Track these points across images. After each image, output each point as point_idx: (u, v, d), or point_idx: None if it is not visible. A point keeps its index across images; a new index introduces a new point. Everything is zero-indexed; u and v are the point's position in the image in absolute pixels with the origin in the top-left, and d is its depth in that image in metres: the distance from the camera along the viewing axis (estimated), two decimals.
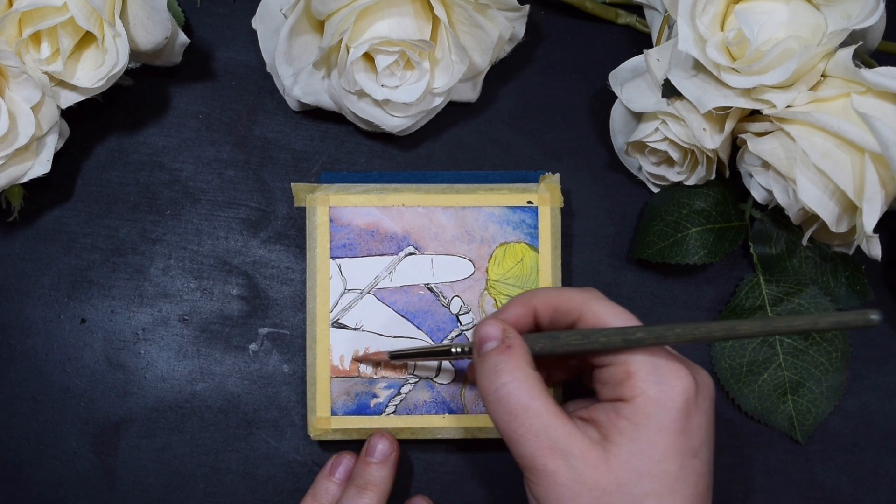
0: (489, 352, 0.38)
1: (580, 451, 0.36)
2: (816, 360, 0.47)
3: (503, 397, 0.37)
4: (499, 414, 0.37)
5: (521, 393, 0.37)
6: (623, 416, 0.36)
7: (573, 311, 0.39)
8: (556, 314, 0.40)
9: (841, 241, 0.46)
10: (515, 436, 0.37)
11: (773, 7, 0.42)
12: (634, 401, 0.36)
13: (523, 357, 0.38)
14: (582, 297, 0.39)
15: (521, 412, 0.37)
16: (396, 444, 0.46)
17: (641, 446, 0.36)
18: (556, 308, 0.40)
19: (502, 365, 0.38)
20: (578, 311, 0.39)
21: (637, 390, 0.36)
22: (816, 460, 0.49)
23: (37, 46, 0.43)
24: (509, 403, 0.37)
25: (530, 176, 0.48)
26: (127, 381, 0.48)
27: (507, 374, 0.37)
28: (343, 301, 0.47)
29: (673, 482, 0.36)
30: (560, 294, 0.40)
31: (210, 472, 0.48)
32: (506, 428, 0.37)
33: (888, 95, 0.41)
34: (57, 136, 0.45)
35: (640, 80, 0.46)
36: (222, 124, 0.50)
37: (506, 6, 0.45)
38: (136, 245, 0.49)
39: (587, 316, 0.39)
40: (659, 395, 0.36)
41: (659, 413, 0.36)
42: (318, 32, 0.46)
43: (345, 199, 0.47)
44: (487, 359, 0.38)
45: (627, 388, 0.36)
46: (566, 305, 0.39)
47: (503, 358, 0.38)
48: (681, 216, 0.47)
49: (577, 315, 0.39)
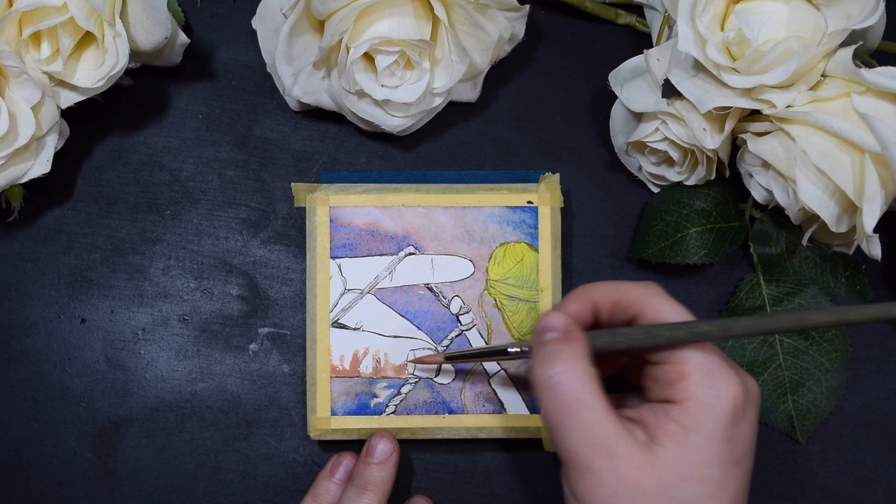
0: (549, 341, 0.38)
1: (626, 452, 0.35)
2: (816, 360, 0.47)
3: (556, 385, 0.36)
4: (550, 403, 0.36)
5: (577, 385, 0.36)
6: (672, 418, 0.36)
7: (633, 305, 0.38)
8: (615, 308, 0.39)
9: (841, 241, 0.46)
10: (563, 428, 0.36)
11: (773, 7, 0.42)
12: (685, 403, 0.36)
13: (583, 350, 0.37)
14: (642, 291, 0.38)
15: (573, 404, 0.36)
16: (397, 444, 0.46)
17: (688, 450, 0.35)
18: (617, 302, 0.39)
19: (561, 354, 0.37)
20: (639, 305, 0.38)
21: (689, 393, 0.36)
22: (816, 460, 0.49)
23: (37, 46, 0.43)
24: (562, 393, 0.36)
25: (530, 176, 0.48)
26: (127, 381, 0.48)
27: (564, 364, 0.36)
28: (343, 301, 0.47)
29: (716, 489, 0.35)
30: (620, 288, 0.39)
31: (210, 472, 0.48)
32: (555, 418, 0.36)
33: (888, 95, 0.41)
34: (57, 136, 0.45)
35: (640, 80, 0.46)
36: (222, 124, 0.50)
37: (506, 6, 0.45)
38: (136, 245, 0.49)
39: (647, 311, 0.38)
40: (710, 400, 0.35)
41: (709, 418, 0.35)
42: (318, 32, 0.46)
43: (345, 199, 0.47)
44: (546, 347, 0.38)
45: (679, 389, 0.36)
46: (626, 299, 0.39)
47: (562, 347, 0.37)
48: (681, 216, 0.47)
49: (638, 310, 0.38)
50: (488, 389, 0.47)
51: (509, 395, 0.47)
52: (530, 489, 0.48)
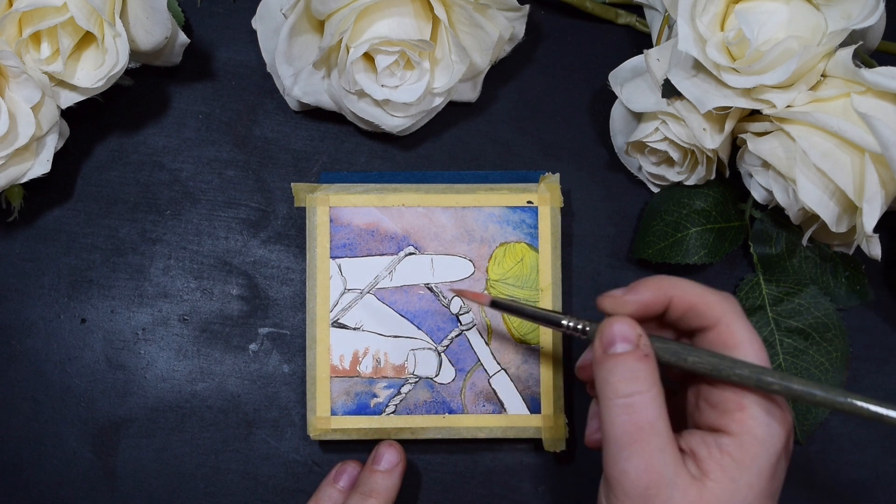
0: (625, 354, 0.36)
1: (683, 484, 0.35)
2: (816, 360, 0.47)
3: (634, 406, 0.35)
4: (622, 421, 0.35)
5: (654, 408, 0.35)
6: (727, 452, 0.35)
7: (710, 318, 0.37)
8: (690, 312, 0.38)
9: (841, 241, 0.46)
10: (630, 449, 0.35)
11: (773, 7, 0.42)
12: (741, 438, 0.35)
13: (657, 370, 0.36)
14: (723, 307, 0.37)
15: (647, 427, 0.35)
16: (404, 454, 0.46)
17: (739, 488, 0.35)
18: (693, 308, 0.37)
19: (640, 374, 0.36)
20: (716, 320, 0.37)
21: (745, 427, 0.35)
22: (816, 460, 0.49)
23: (37, 46, 0.43)
24: (638, 415, 0.35)
25: (530, 176, 0.48)
26: (127, 381, 0.48)
27: (644, 384, 0.36)
28: (343, 301, 0.47)
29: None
30: (702, 295, 0.37)
31: (210, 472, 0.48)
32: (623, 438, 0.35)
33: (888, 95, 0.41)
34: (57, 136, 0.45)
35: (640, 80, 0.46)
36: (222, 124, 0.50)
37: (506, 6, 0.45)
38: (136, 245, 0.49)
39: (723, 329, 0.37)
40: (765, 437, 0.35)
41: (762, 455, 0.35)
42: (318, 32, 0.46)
43: (345, 199, 0.47)
44: (623, 361, 0.36)
45: (736, 421, 0.35)
46: (704, 309, 0.37)
47: (641, 366, 0.36)
48: (681, 216, 0.47)
49: (713, 323, 0.37)
50: (488, 389, 0.47)
51: (509, 395, 0.47)
52: (530, 489, 0.48)
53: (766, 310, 0.48)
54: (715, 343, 0.37)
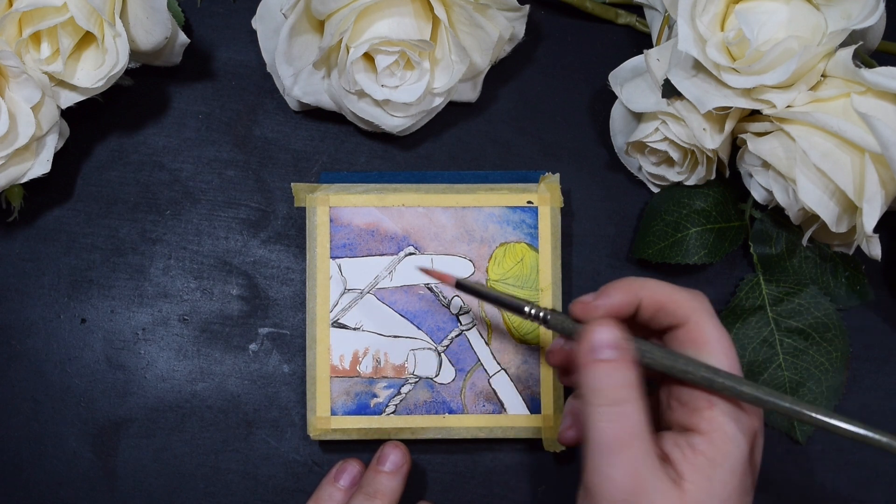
0: (613, 360, 0.36)
1: (664, 490, 0.35)
2: (816, 360, 0.47)
3: (622, 414, 0.35)
4: (610, 428, 0.35)
5: (639, 416, 0.35)
6: (700, 451, 0.35)
7: (679, 316, 0.37)
8: (660, 312, 0.38)
9: (841, 241, 0.46)
10: (614, 456, 0.35)
11: (773, 7, 0.42)
12: (711, 436, 0.35)
13: (639, 376, 0.36)
14: (692, 305, 0.37)
15: (634, 436, 0.35)
16: (409, 455, 0.45)
17: (714, 486, 0.35)
18: (663, 307, 0.38)
19: (628, 381, 0.36)
20: (685, 318, 0.37)
21: (715, 424, 0.35)
22: (816, 460, 0.49)
23: (37, 46, 0.43)
24: (628, 422, 0.35)
25: (530, 176, 0.48)
26: (127, 381, 0.48)
27: (632, 392, 0.36)
28: (343, 301, 0.47)
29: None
30: (671, 294, 0.38)
31: (210, 472, 0.48)
32: (609, 444, 0.35)
33: (888, 95, 0.41)
34: (57, 136, 0.45)
35: (640, 80, 0.46)
36: (222, 124, 0.50)
37: (506, 6, 0.45)
38: (136, 245, 0.49)
39: (691, 327, 0.37)
40: (735, 433, 0.35)
41: (733, 451, 0.35)
42: (318, 32, 0.46)
43: (345, 199, 0.47)
44: (612, 368, 0.36)
45: (706, 419, 0.35)
46: (673, 308, 0.37)
47: (630, 374, 0.36)
48: (681, 216, 0.47)
49: (683, 321, 0.37)
50: (488, 389, 0.47)
51: (509, 395, 0.47)
52: (530, 489, 0.48)
53: (766, 310, 0.48)
54: (684, 341, 0.37)
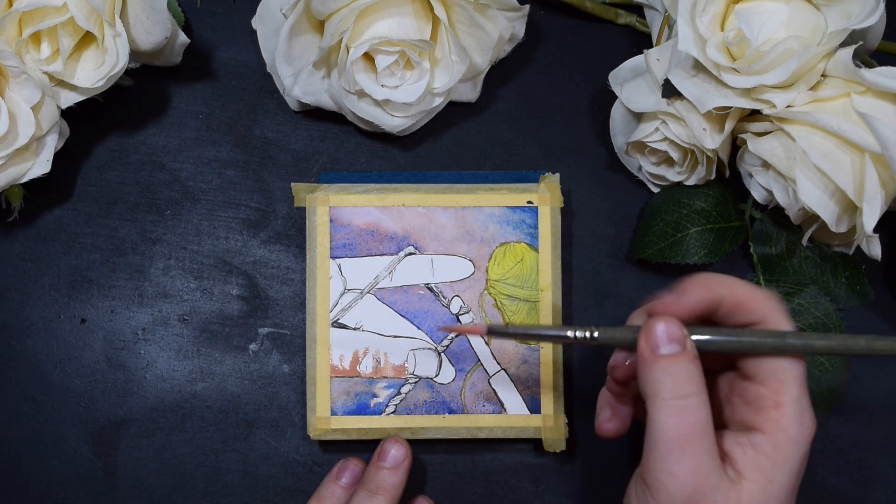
0: (677, 355, 0.36)
1: (725, 488, 0.35)
2: (816, 359, 0.47)
3: (690, 408, 0.35)
4: (675, 422, 0.35)
5: (706, 411, 0.35)
6: (762, 451, 0.35)
7: (758, 314, 0.37)
8: (738, 310, 0.37)
9: (841, 241, 0.46)
10: (680, 451, 0.35)
11: (773, 7, 0.42)
12: (775, 436, 0.35)
13: (703, 372, 0.36)
14: (771, 304, 0.37)
15: (699, 431, 0.35)
16: (410, 450, 0.45)
17: (773, 487, 0.35)
18: (743, 305, 0.37)
19: (694, 375, 0.36)
20: (764, 316, 0.37)
21: (780, 425, 0.35)
22: (816, 460, 0.49)
23: (37, 46, 0.43)
24: (693, 417, 0.35)
25: (530, 176, 0.48)
26: (127, 381, 0.48)
27: (697, 386, 0.35)
28: (343, 301, 0.47)
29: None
30: (752, 292, 0.37)
31: (210, 472, 0.48)
32: (675, 439, 0.35)
33: (888, 95, 0.41)
34: (57, 136, 0.45)
35: (640, 80, 0.46)
36: (222, 124, 0.50)
37: (506, 6, 0.45)
38: (136, 245, 0.49)
39: (770, 325, 0.37)
40: (797, 435, 0.35)
41: (794, 454, 0.35)
42: (318, 32, 0.46)
43: (345, 199, 0.47)
44: (676, 363, 0.36)
45: (771, 419, 0.35)
46: (753, 306, 0.37)
47: (694, 368, 0.36)
48: (681, 216, 0.47)
49: (761, 320, 0.37)
50: (488, 389, 0.47)
51: (509, 395, 0.47)
52: (530, 489, 0.48)
53: None
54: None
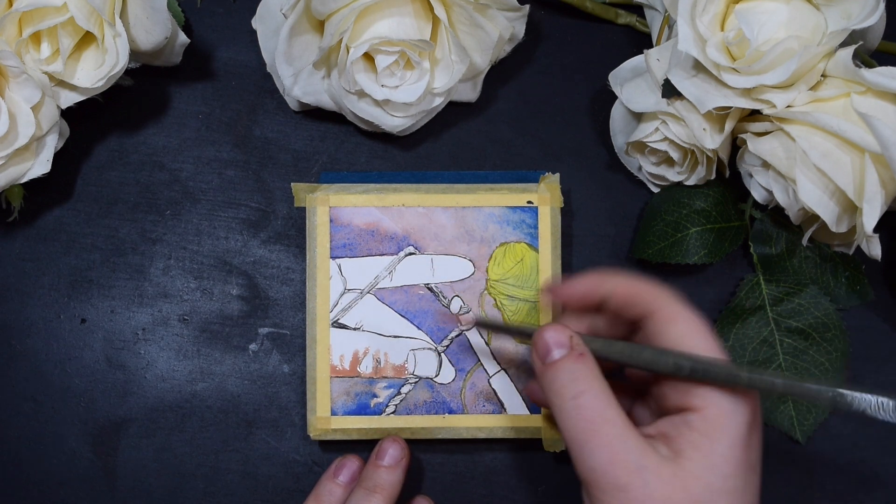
0: (562, 359, 0.37)
1: (655, 466, 0.35)
2: (816, 360, 0.47)
3: (582, 406, 0.36)
4: (574, 423, 0.36)
5: (600, 402, 0.36)
6: (695, 428, 0.35)
7: (646, 304, 0.38)
8: (627, 303, 0.38)
9: (841, 241, 0.46)
10: (590, 446, 0.35)
11: (774, 7, 0.42)
12: (706, 411, 0.35)
13: (596, 366, 0.37)
14: (657, 292, 0.38)
15: (599, 422, 0.35)
16: (408, 449, 0.46)
17: (715, 461, 0.35)
18: (630, 297, 0.38)
19: (580, 373, 0.36)
20: (653, 307, 0.37)
21: (709, 400, 0.35)
22: (816, 460, 0.49)
23: (37, 46, 0.43)
24: (587, 413, 0.36)
25: (530, 176, 0.48)
26: (127, 381, 0.48)
27: (586, 383, 0.36)
28: (343, 301, 0.47)
29: (740, 497, 0.35)
30: (636, 284, 0.38)
31: (210, 472, 0.48)
32: (580, 437, 0.36)
33: (888, 95, 0.41)
34: (57, 136, 0.45)
35: (640, 80, 0.46)
36: (222, 124, 0.50)
37: (506, 6, 0.45)
38: (136, 245, 0.49)
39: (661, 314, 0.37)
40: (731, 407, 0.35)
41: (731, 425, 0.35)
42: (318, 32, 0.46)
43: (345, 199, 0.47)
44: (561, 366, 0.37)
45: (698, 396, 0.35)
46: (641, 298, 0.38)
47: (579, 366, 0.37)
48: (681, 216, 0.47)
49: (650, 311, 0.37)
50: (488, 389, 0.47)
51: (509, 395, 0.47)
52: (530, 489, 0.48)
53: (766, 310, 0.48)
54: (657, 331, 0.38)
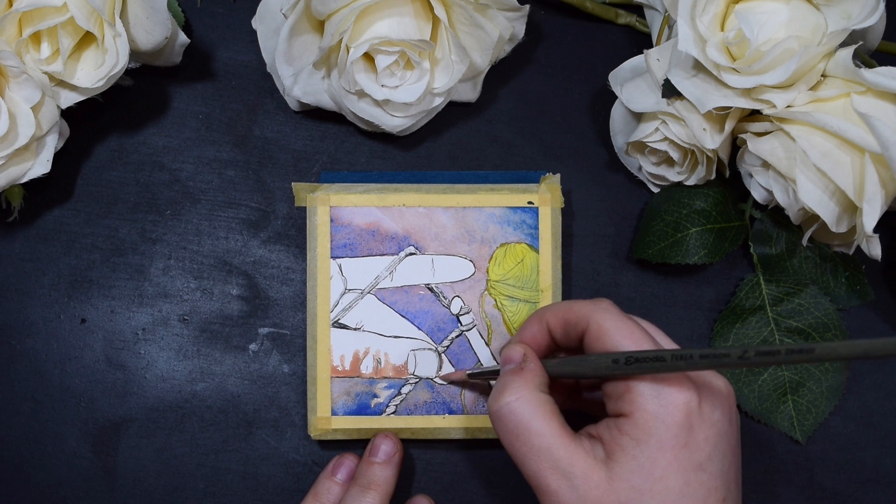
0: (505, 373, 0.39)
1: (582, 472, 0.36)
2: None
3: (505, 416, 0.38)
4: (501, 432, 0.38)
5: (523, 412, 0.37)
6: (624, 432, 0.36)
7: (581, 321, 0.39)
8: (566, 326, 0.40)
9: (841, 241, 0.46)
10: (519, 454, 0.37)
11: (774, 7, 0.42)
12: (633, 416, 0.36)
13: (533, 378, 0.38)
14: (589, 307, 0.39)
15: (522, 431, 0.37)
16: (400, 444, 0.46)
17: (642, 463, 0.35)
18: (566, 320, 0.40)
19: (509, 384, 0.38)
20: (586, 321, 0.39)
21: (635, 405, 0.36)
22: (816, 460, 0.49)
23: (37, 46, 0.43)
24: (510, 422, 0.37)
25: (531, 176, 0.48)
26: (127, 381, 0.48)
27: (512, 394, 0.38)
28: (343, 301, 0.47)
29: (676, 499, 0.35)
30: (569, 306, 0.40)
31: (210, 472, 0.48)
32: (509, 446, 0.38)
33: (888, 95, 0.41)
34: (57, 136, 0.45)
35: (640, 80, 0.46)
36: (222, 124, 0.50)
37: (506, 6, 0.45)
38: (136, 245, 0.49)
39: (592, 327, 0.38)
40: (658, 410, 0.36)
41: (658, 428, 0.35)
42: (318, 32, 0.46)
43: (345, 199, 0.47)
44: (500, 379, 0.39)
45: (627, 402, 0.36)
46: (574, 317, 0.39)
47: (512, 378, 0.39)
48: (681, 216, 0.47)
49: (585, 326, 0.39)
50: (489, 390, 0.47)
51: None
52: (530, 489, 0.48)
53: (766, 310, 0.48)
54: (593, 345, 0.39)
